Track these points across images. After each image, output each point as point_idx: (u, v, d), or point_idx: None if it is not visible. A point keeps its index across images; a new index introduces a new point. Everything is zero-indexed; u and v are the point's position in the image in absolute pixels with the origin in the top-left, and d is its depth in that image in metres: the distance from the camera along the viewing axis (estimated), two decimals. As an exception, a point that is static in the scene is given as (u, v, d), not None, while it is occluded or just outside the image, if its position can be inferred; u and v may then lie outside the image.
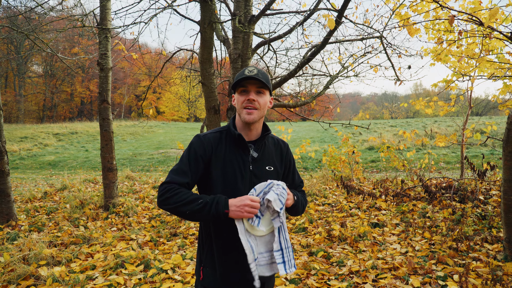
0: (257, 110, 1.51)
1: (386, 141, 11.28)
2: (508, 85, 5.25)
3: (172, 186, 1.43)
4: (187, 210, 1.38)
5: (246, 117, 1.50)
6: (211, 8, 4.15)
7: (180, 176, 1.46)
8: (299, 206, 1.61)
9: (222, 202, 1.39)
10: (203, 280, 1.55)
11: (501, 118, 23.40)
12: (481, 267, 3.30)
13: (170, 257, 3.97)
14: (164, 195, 1.41)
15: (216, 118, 4.83)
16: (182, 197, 1.39)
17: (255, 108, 1.50)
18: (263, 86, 1.51)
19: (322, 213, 5.62)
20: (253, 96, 1.50)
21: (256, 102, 1.50)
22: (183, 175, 1.47)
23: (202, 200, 1.39)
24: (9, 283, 3.26)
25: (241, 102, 1.51)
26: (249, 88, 1.51)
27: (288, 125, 20.47)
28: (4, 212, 5.26)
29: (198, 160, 1.49)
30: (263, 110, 1.54)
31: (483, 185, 6.30)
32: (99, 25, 5.97)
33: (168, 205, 1.40)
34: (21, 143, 20.11)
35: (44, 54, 31.96)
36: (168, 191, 1.41)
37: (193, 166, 1.49)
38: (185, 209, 1.38)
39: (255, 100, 1.50)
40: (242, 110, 1.51)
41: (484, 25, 3.07)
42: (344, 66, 6.26)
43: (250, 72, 1.49)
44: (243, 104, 1.51)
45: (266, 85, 1.50)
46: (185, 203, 1.38)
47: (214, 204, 1.38)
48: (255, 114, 1.51)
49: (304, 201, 1.70)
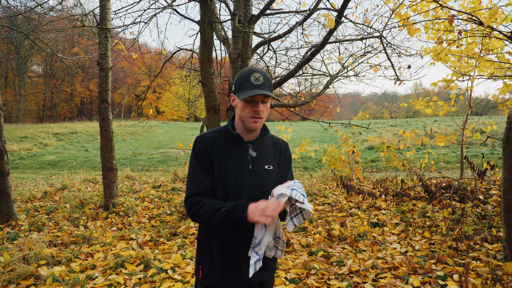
0: (261, 119, 1.54)
1: (386, 140, 11.29)
2: (508, 85, 5.25)
3: (195, 200, 1.47)
4: (214, 221, 1.42)
5: (252, 125, 1.53)
6: (210, 8, 4.15)
7: (197, 185, 1.50)
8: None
9: (242, 208, 1.40)
10: (202, 279, 1.56)
11: (501, 117, 23.41)
12: (481, 267, 3.30)
13: (170, 257, 3.97)
14: (191, 210, 1.47)
15: (216, 118, 4.83)
16: (206, 209, 1.43)
17: (260, 117, 1.53)
18: (268, 96, 1.52)
19: (322, 213, 5.62)
20: (260, 108, 1.52)
21: (262, 112, 1.53)
22: (199, 181, 1.50)
23: (225, 209, 1.41)
24: (9, 282, 3.26)
25: (248, 112, 1.52)
26: (256, 98, 1.51)
27: (288, 124, 20.47)
28: (4, 211, 5.26)
29: (205, 159, 1.53)
30: (266, 115, 1.58)
31: (483, 185, 6.31)
32: (99, 25, 5.97)
33: (199, 218, 1.46)
34: (21, 143, 20.11)
35: (44, 54, 31.94)
36: (193, 206, 1.47)
37: (204, 168, 1.52)
38: (212, 219, 1.42)
39: (262, 111, 1.52)
40: (249, 119, 1.53)
41: (484, 25, 3.07)
42: (344, 65, 6.25)
43: (257, 80, 1.49)
44: (249, 114, 1.52)
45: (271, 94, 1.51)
46: (210, 214, 1.42)
47: (235, 211, 1.40)
48: (260, 123, 1.54)
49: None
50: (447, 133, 17.78)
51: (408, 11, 4.76)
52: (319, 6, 4.59)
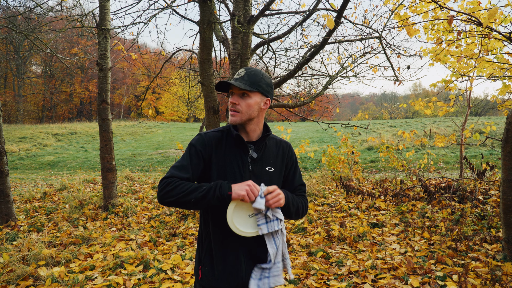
0: (239, 113, 1.53)
1: (385, 141, 11.29)
2: (507, 85, 5.25)
3: (172, 180, 1.44)
4: (192, 199, 1.39)
5: (230, 118, 1.55)
6: (210, 9, 4.15)
7: (180, 172, 1.48)
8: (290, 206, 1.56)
9: (225, 186, 1.41)
10: (201, 279, 1.56)
11: (500, 118, 23.44)
12: (480, 267, 3.30)
13: (169, 257, 3.96)
14: (165, 189, 1.42)
15: (216, 119, 4.83)
16: (183, 188, 1.40)
17: (237, 111, 1.53)
18: (245, 89, 1.51)
19: (321, 213, 5.62)
20: (235, 100, 1.53)
21: (239, 106, 1.52)
22: (184, 170, 1.48)
23: (205, 187, 1.40)
24: (8, 283, 3.26)
25: (228, 104, 1.57)
26: (234, 90, 1.54)
27: (287, 125, 20.48)
28: (3, 212, 5.25)
29: (198, 155, 1.52)
30: (249, 112, 1.54)
31: (482, 185, 6.31)
32: (98, 25, 5.96)
33: (170, 197, 1.40)
34: (20, 143, 20.08)
35: (43, 54, 31.95)
36: (168, 185, 1.42)
37: (194, 162, 1.51)
38: (189, 198, 1.39)
39: (237, 104, 1.53)
40: (229, 112, 1.56)
41: (483, 25, 3.07)
42: (343, 66, 6.25)
43: (238, 74, 1.54)
44: (228, 107, 1.56)
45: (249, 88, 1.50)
46: (187, 193, 1.39)
47: (218, 188, 1.40)
48: (237, 117, 1.53)
49: (302, 205, 1.65)
50: (446, 133, 17.80)
51: (407, 12, 4.77)
52: (319, 6, 4.59)
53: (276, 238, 1.49)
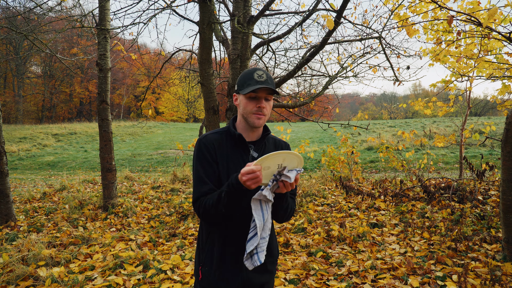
0: (265, 116, 1.55)
1: (385, 141, 11.29)
2: (507, 85, 5.26)
3: (199, 202, 1.47)
4: (223, 209, 1.39)
5: (255, 121, 1.53)
6: (210, 9, 4.15)
7: (202, 186, 1.49)
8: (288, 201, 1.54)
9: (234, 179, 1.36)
10: (202, 280, 1.56)
11: (499, 118, 23.44)
12: (480, 267, 3.30)
13: (169, 258, 3.96)
14: (200, 213, 1.47)
15: (215, 119, 4.83)
16: (210, 204, 1.41)
17: (264, 114, 1.54)
18: (271, 93, 1.53)
19: (321, 214, 5.62)
20: (263, 104, 1.53)
21: (265, 109, 1.54)
22: (204, 183, 1.50)
23: (223, 193, 1.39)
24: (8, 283, 3.25)
25: (251, 108, 1.53)
26: (259, 94, 1.52)
27: (287, 125, 20.47)
28: (3, 212, 5.25)
29: (209, 160, 1.52)
30: (269, 114, 1.59)
31: (482, 185, 6.32)
32: (98, 25, 5.96)
33: (211, 218, 1.45)
34: (20, 143, 20.07)
35: (43, 54, 31.93)
36: (199, 208, 1.46)
37: (208, 169, 1.51)
38: (220, 209, 1.39)
39: (264, 107, 1.53)
40: (251, 115, 1.53)
41: (482, 26, 3.08)
42: (343, 66, 6.25)
43: (260, 77, 1.51)
44: (252, 110, 1.53)
45: (274, 91, 1.52)
46: (216, 206, 1.40)
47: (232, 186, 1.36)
48: (263, 120, 1.55)
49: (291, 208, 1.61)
50: (446, 133, 17.81)
51: (407, 12, 4.77)
52: (318, 6, 4.59)
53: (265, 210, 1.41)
